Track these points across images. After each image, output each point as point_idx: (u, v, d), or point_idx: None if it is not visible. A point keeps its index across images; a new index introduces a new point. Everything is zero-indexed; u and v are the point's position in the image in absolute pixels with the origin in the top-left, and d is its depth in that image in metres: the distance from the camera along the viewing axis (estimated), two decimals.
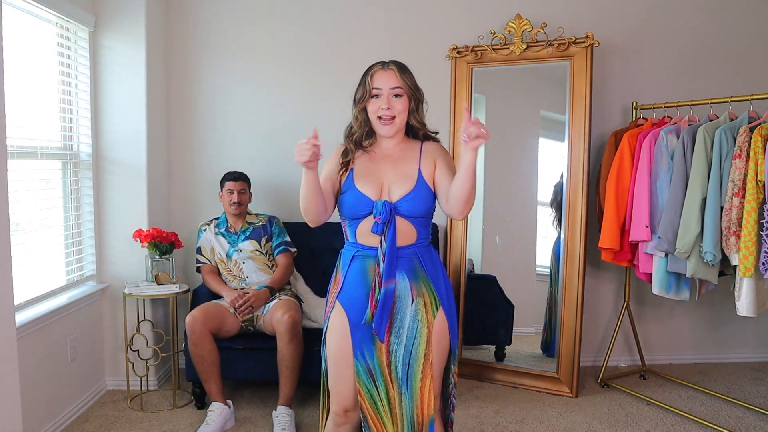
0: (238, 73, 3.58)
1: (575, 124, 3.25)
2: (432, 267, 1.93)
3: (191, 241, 3.44)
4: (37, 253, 2.83)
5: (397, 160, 1.94)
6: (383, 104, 1.88)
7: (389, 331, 1.88)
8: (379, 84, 1.88)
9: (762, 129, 2.57)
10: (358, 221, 1.91)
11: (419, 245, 1.92)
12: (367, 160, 1.95)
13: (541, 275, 3.54)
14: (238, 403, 3.12)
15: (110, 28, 3.18)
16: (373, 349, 1.88)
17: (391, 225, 1.85)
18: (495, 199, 3.58)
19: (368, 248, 1.90)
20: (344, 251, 1.98)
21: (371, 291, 1.86)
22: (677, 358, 3.78)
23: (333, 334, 1.93)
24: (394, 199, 1.88)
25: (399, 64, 1.91)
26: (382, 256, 1.84)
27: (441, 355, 1.92)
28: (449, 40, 3.51)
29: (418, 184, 1.89)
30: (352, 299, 1.91)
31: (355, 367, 1.89)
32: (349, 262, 1.93)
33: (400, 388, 1.88)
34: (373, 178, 1.91)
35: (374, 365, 1.88)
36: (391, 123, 1.90)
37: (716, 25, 3.60)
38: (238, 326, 3.03)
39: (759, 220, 2.53)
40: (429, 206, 1.92)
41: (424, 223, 1.94)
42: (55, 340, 2.82)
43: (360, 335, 1.89)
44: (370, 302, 1.85)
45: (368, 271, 1.89)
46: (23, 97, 2.73)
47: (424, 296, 1.90)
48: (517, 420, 2.97)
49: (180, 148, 3.61)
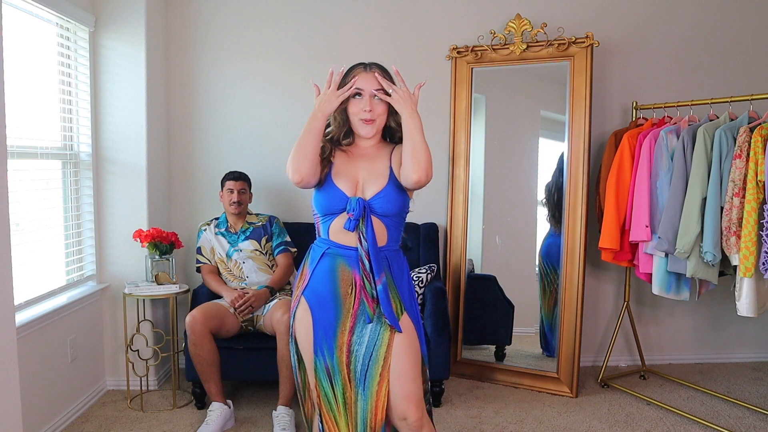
0: (238, 72, 3.58)
1: (575, 124, 3.25)
2: (399, 272, 1.94)
3: (191, 241, 3.44)
4: (37, 253, 2.83)
5: (372, 159, 1.96)
6: (365, 106, 1.89)
7: (351, 331, 1.88)
8: (361, 85, 1.89)
9: (762, 129, 2.57)
10: (331, 217, 1.92)
11: (389, 249, 1.93)
12: (345, 158, 1.97)
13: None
14: (238, 403, 3.12)
15: (110, 28, 3.18)
16: (333, 348, 1.88)
17: (367, 223, 1.86)
18: (495, 199, 3.58)
19: (339, 246, 1.91)
20: (314, 246, 1.99)
21: (356, 289, 1.87)
22: (677, 358, 3.78)
23: (299, 329, 1.94)
24: (367, 197, 1.90)
25: (380, 67, 1.93)
26: (366, 254, 1.85)
27: (415, 356, 1.90)
28: (449, 40, 3.51)
29: (390, 182, 1.91)
30: (318, 296, 1.91)
31: (313, 363, 1.90)
32: (318, 258, 1.94)
33: (357, 388, 1.87)
34: (349, 175, 1.93)
35: (332, 364, 1.88)
36: (371, 124, 1.91)
37: (716, 25, 3.61)
38: (238, 326, 3.03)
39: (759, 220, 2.53)
40: (401, 204, 1.92)
41: (396, 224, 1.95)
42: (55, 340, 2.82)
43: (321, 332, 1.89)
44: (367, 300, 1.86)
45: (337, 270, 1.90)
46: (23, 97, 2.73)
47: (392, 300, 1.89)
48: (517, 420, 2.97)
49: (180, 148, 3.61)
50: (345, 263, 1.90)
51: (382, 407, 1.86)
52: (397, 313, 1.88)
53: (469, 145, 3.48)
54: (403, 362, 1.86)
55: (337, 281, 1.90)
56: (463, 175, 3.47)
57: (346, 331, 1.88)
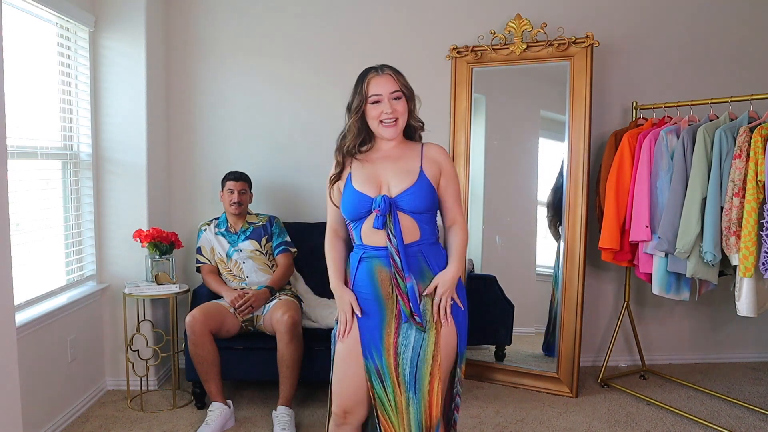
0: (238, 72, 3.58)
1: (575, 124, 3.25)
2: (438, 267, 1.92)
3: (191, 241, 3.44)
4: (37, 253, 2.83)
5: (397, 159, 1.95)
6: (386, 108, 1.89)
7: (397, 333, 1.88)
8: (377, 90, 1.89)
9: (762, 129, 2.57)
10: (361, 221, 1.92)
11: (424, 242, 1.91)
12: (363, 163, 1.96)
13: (541, 275, 3.54)
14: (238, 403, 3.12)
15: (110, 28, 3.18)
16: (381, 350, 1.88)
17: (394, 219, 1.86)
18: (495, 199, 3.58)
19: (374, 248, 1.90)
20: (353, 254, 1.99)
21: (395, 288, 1.87)
22: (677, 358, 3.78)
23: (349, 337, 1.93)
24: (393, 194, 1.89)
25: (392, 68, 1.93)
26: (395, 250, 1.85)
27: (448, 357, 1.90)
28: (449, 40, 3.50)
29: (420, 180, 1.90)
30: (362, 300, 1.92)
31: (365, 366, 1.89)
32: (357, 264, 1.94)
33: (408, 392, 1.87)
34: (372, 178, 1.92)
35: (382, 366, 1.88)
36: (395, 125, 1.91)
37: (716, 25, 3.60)
38: (238, 326, 3.03)
39: (759, 220, 2.53)
40: (431, 201, 1.92)
41: (428, 220, 1.93)
42: (55, 340, 2.82)
43: (369, 335, 1.89)
44: (402, 298, 1.86)
45: (375, 272, 1.90)
46: (23, 97, 2.73)
47: (431, 295, 1.89)
48: (517, 420, 2.97)
49: (180, 148, 3.61)
50: (381, 264, 1.89)
51: (437, 405, 1.86)
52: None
53: (469, 145, 3.48)
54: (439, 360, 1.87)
55: (376, 282, 1.90)
56: (463, 175, 3.47)
57: (392, 333, 1.89)
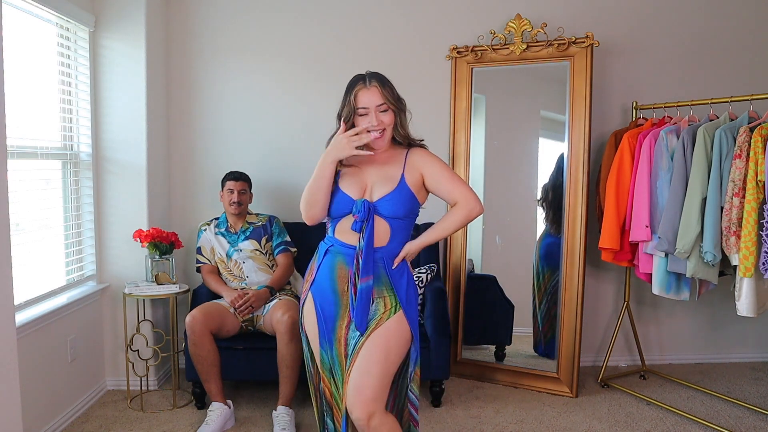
0: (238, 72, 3.58)
1: (575, 124, 3.25)
2: (397, 272, 1.98)
3: (191, 241, 3.44)
4: (37, 253, 2.83)
5: (383, 164, 2.01)
6: (373, 121, 1.94)
7: (348, 327, 1.96)
8: (364, 103, 1.93)
9: (762, 129, 2.57)
10: (338, 219, 2.00)
11: (388, 250, 1.97)
12: (352, 167, 2.04)
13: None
14: (238, 403, 3.12)
15: (110, 28, 3.18)
16: (333, 340, 1.98)
17: (369, 224, 1.93)
18: (495, 199, 3.58)
19: (342, 244, 1.98)
20: (321, 244, 2.07)
21: (350, 286, 1.94)
22: (677, 358, 3.78)
23: (307, 323, 2.05)
24: (374, 199, 1.96)
25: (380, 79, 1.96)
26: (360, 252, 1.92)
27: (398, 351, 1.94)
28: (449, 40, 3.51)
29: (399, 186, 1.96)
30: (321, 291, 2.01)
31: (320, 355, 2.01)
32: (323, 255, 2.02)
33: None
34: (357, 180, 2.00)
35: (332, 356, 1.99)
36: (381, 137, 1.96)
37: (716, 25, 3.61)
38: (238, 326, 3.03)
39: (759, 220, 2.53)
40: (409, 208, 1.98)
41: (404, 226, 2.00)
42: (55, 340, 2.82)
43: (324, 326, 2.00)
44: (353, 295, 1.93)
45: (336, 268, 1.98)
46: (23, 97, 2.73)
47: (384, 299, 1.95)
48: (517, 420, 2.97)
49: (180, 148, 3.61)
50: (343, 261, 1.97)
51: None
52: (385, 313, 1.93)
53: (469, 145, 3.48)
54: (370, 355, 1.90)
55: (335, 278, 1.98)
56: (463, 175, 3.47)
57: (344, 326, 1.97)
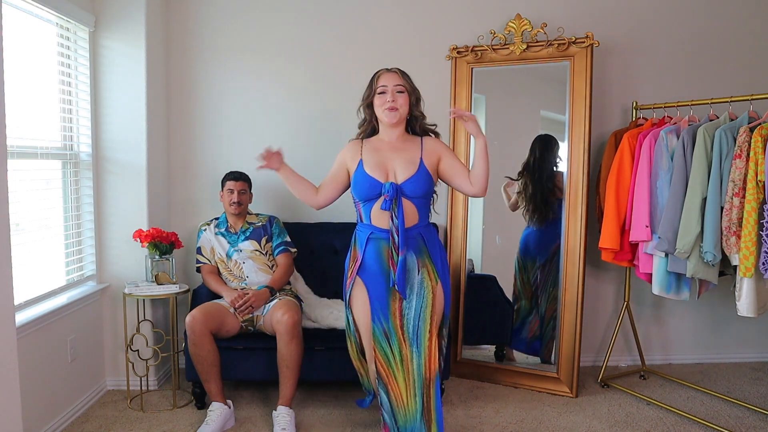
0: (238, 72, 3.58)
1: (575, 124, 3.25)
2: (432, 245, 2.37)
3: (191, 241, 3.44)
4: (37, 253, 2.83)
5: (402, 150, 2.39)
6: (389, 97, 2.35)
7: (401, 299, 2.29)
8: (384, 82, 2.37)
9: (762, 129, 2.57)
10: (371, 202, 2.34)
11: (422, 225, 2.37)
12: (374, 152, 2.39)
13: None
14: (238, 403, 3.12)
15: (110, 28, 3.18)
16: (388, 314, 2.29)
17: (399, 203, 2.28)
18: (495, 199, 3.58)
19: (381, 230, 2.34)
20: (359, 232, 2.41)
21: (389, 260, 2.29)
22: (677, 358, 3.78)
23: (357, 305, 2.37)
24: (399, 181, 2.32)
25: (401, 69, 2.42)
26: (395, 230, 2.27)
27: (438, 318, 2.34)
28: (449, 40, 3.51)
29: (420, 169, 2.35)
30: (371, 275, 2.34)
31: (372, 330, 2.30)
32: (365, 242, 2.35)
33: (411, 347, 2.25)
34: (381, 165, 2.36)
35: (389, 327, 2.28)
36: (395, 111, 2.35)
37: (716, 25, 3.61)
38: (238, 326, 3.03)
39: (759, 220, 2.53)
40: (428, 188, 2.37)
41: (425, 204, 2.38)
42: (55, 340, 2.82)
43: (378, 304, 2.31)
44: (393, 268, 2.27)
45: (382, 251, 2.33)
46: (23, 97, 2.73)
47: (427, 267, 2.32)
48: (517, 420, 2.97)
49: (180, 148, 3.61)
50: (386, 244, 2.32)
51: (434, 359, 2.26)
52: (432, 281, 2.31)
53: (469, 145, 3.48)
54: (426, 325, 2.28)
55: (383, 260, 2.32)
56: None
57: (397, 299, 2.30)
